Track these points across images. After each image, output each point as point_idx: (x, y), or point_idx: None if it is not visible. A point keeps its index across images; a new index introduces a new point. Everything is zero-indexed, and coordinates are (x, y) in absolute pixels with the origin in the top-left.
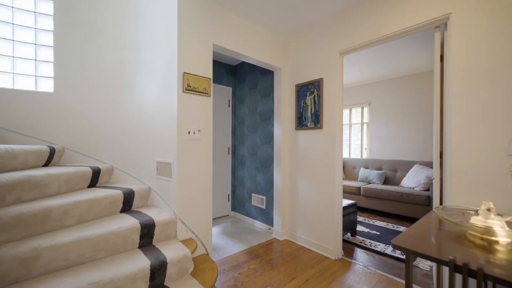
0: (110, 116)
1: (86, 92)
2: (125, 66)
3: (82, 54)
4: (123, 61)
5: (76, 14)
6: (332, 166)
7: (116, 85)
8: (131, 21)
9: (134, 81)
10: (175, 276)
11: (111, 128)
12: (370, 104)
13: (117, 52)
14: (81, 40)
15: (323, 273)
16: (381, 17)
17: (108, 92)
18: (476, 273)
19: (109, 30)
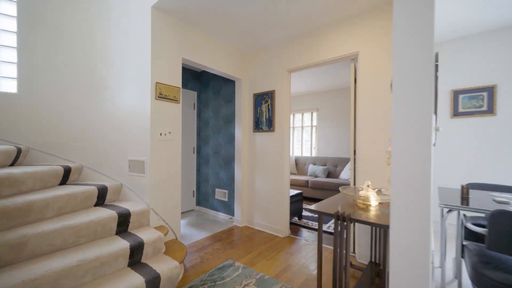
0: (80, 118)
1: (54, 94)
2: (97, 70)
3: (49, 56)
4: (94, 66)
5: (42, 16)
6: (281, 163)
7: (87, 88)
8: (102, 28)
9: (106, 86)
10: (150, 255)
11: (82, 129)
12: (318, 109)
13: (88, 56)
14: (48, 42)
15: (273, 247)
16: (318, 47)
17: (79, 95)
18: (346, 218)
19: (78, 34)
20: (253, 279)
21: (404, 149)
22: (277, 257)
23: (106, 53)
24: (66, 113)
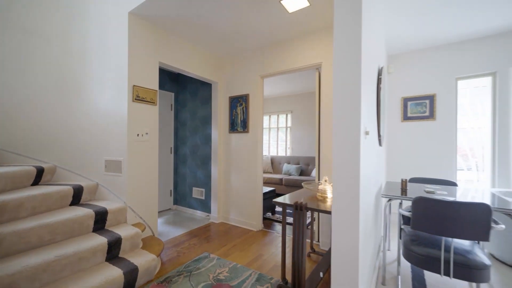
0: (55, 119)
1: (28, 95)
2: (73, 71)
3: (22, 58)
4: (70, 68)
5: (13, 18)
6: (255, 162)
7: (62, 88)
8: (78, 29)
9: (82, 87)
10: (128, 250)
11: (56, 130)
12: (292, 111)
13: (63, 58)
14: (19, 44)
15: (247, 240)
16: (288, 56)
17: (54, 96)
18: (303, 207)
19: (53, 35)
20: (226, 268)
21: (340, 150)
22: (250, 249)
23: (83, 55)
24: (38, 114)
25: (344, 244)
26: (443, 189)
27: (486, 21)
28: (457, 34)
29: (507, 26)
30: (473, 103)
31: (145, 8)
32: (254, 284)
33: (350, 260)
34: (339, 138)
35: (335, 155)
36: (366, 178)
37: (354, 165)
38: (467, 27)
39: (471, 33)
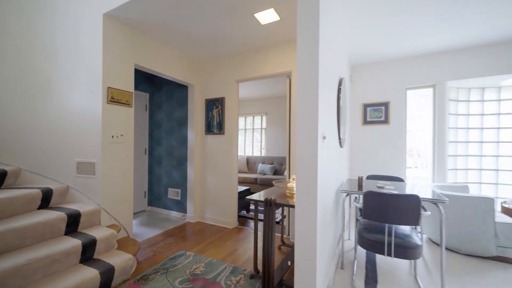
0: (20, 120)
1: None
2: (42, 71)
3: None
4: (36, 65)
5: None
6: (230, 162)
7: (27, 88)
8: (45, 27)
9: (52, 87)
10: (103, 251)
11: (22, 132)
12: (267, 113)
13: (30, 58)
14: None
15: (222, 237)
16: (261, 63)
17: (18, 94)
18: (272, 202)
19: (17, 36)
20: (202, 263)
21: (302, 152)
22: (225, 245)
23: (51, 52)
24: (2, 117)
25: (305, 234)
26: (392, 185)
27: (427, 43)
28: (406, 51)
29: (444, 47)
30: (419, 110)
31: (120, 11)
32: (228, 276)
33: (309, 247)
34: (300, 142)
35: (298, 157)
36: (325, 176)
37: (313, 165)
38: (413, 46)
39: (416, 51)
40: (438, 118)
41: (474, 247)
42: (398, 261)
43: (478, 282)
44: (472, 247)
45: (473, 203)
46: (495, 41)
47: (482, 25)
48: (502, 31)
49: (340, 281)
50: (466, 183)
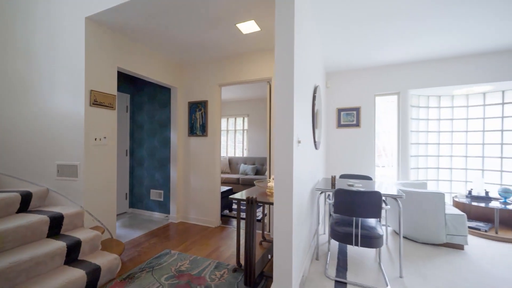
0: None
1: None
2: (17, 72)
3: None
4: (15, 70)
5: None
6: (213, 163)
7: (5, 94)
8: (24, 33)
9: (28, 89)
10: (88, 252)
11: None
12: (248, 115)
13: (8, 60)
14: None
15: (206, 235)
16: (243, 68)
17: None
18: (253, 201)
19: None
20: (187, 261)
21: (279, 155)
22: (209, 243)
23: (30, 54)
24: None
25: (282, 228)
26: (361, 183)
27: (392, 55)
28: (374, 62)
29: (405, 59)
30: (386, 114)
31: (103, 15)
32: (213, 271)
33: (286, 241)
34: (278, 146)
35: (275, 159)
36: (300, 176)
37: (289, 167)
38: (380, 57)
39: (383, 62)
40: (402, 122)
41: (428, 236)
42: (366, 251)
43: (430, 265)
44: (427, 236)
45: (427, 198)
46: (447, 56)
47: (435, 43)
48: (450, 49)
49: (314, 271)
50: (426, 180)
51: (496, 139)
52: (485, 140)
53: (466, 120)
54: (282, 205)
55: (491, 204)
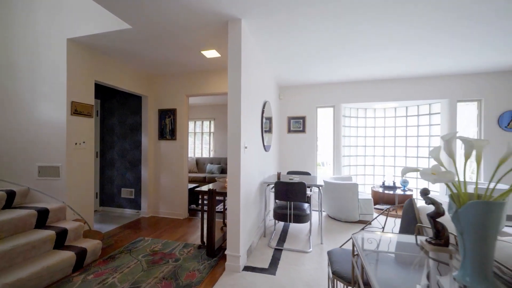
0: None
1: None
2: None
3: None
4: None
5: None
6: (182, 164)
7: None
8: (5, 48)
9: (13, 101)
10: (72, 239)
11: None
12: (215, 119)
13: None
14: None
15: (175, 225)
16: (209, 82)
17: None
18: (213, 192)
19: None
20: (159, 244)
21: (231, 157)
22: (178, 231)
23: (16, 69)
24: None
25: (233, 213)
26: (300, 177)
27: (330, 77)
28: (315, 81)
29: (340, 80)
30: (325, 122)
31: (84, 38)
32: (182, 249)
33: (235, 220)
34: (230, 150)
35: (228, 160)
36: (248, 173)
37: (237, 166)
38: (320, 78)
39: (322, 81)
40: (336, 129)
41: (347, 215)
42: (302, 229)
43: (344, 235)
44: (346, 216)
45: (346, 187)
46: (368, 80)
47: (359, 71)
48: (370, 75)
49: (261, 243)
50: (355, 175)
51: (403, 142)
52: (396, 143)
53: (384, 128)
54: (233, 195)
55: (396, 192)
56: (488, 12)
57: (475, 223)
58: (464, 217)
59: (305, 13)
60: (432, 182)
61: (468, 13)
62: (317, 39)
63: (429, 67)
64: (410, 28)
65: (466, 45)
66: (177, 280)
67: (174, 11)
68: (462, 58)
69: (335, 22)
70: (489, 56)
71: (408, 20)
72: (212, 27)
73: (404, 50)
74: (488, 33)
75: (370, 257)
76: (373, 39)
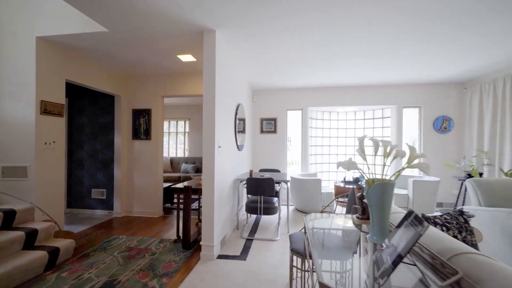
0: None
1: None
2: None
3: None
4: None
5: None
6: (156, 163)
7: None
8: None
9: None
10: (42, 240)
11: None
12: (190, 119)
13: None
14: None
15: (150, 223)
16: (183, 84)
17: None
18: (189, 188)
19: None
20: (135, 241)
21: (206, 156)
22: (153, 228)
23: None
24: None
25: (208, 206)
26: (271, 174)
27: (298, 83)
28: (286, 86)
29: (308, 86)
30: (294, 124)
31: (56, 37)
32: (158, 244)
33: (210, 214)
34: (205, 149)
35: (203, 159)
36: (222, 171)
37: (211, 164)
38: (290, 83)
39: (292, 86)
40: (304, 130)
41: (312, 207)
42: (272, 221)
43: None
44: (311, 208)
45: (310, 183)
46: (332, 86)
47: (324, 78)
48: (334, 82)
49: (234, 235)
50: (321, 172)
51: None
52: (355, 143)
53: (345, 130)
54: (208, 190)
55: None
56: (423, 37)
57: (377, 198)
58: (371, 195)
59: (272, 27)
60: (347, 169)
61: (404, 38)
62: (284, 49)
63: (382, 77)
64: (362, 47)
65: (408, 63)
66: (154, 271)
67: (152, 19)
68: (407, 72)
69: (300, 36)
70: (426, 71)
71: (359, 43)
72: (188, 36)
73: (359, 64)
74: (424, 54)
75: (319, 234)
76: (331, 53)
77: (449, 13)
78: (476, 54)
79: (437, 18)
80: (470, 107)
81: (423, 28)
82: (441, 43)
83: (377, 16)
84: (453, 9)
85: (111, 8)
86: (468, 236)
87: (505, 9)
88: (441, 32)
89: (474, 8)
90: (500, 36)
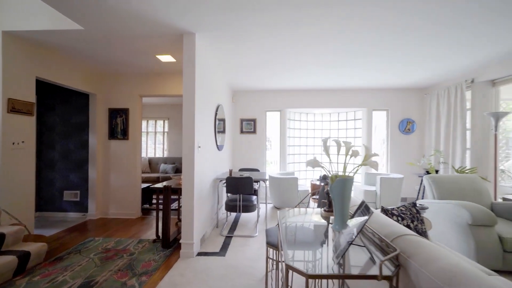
0: None
1: None
2: None
3: None
4: None
5: None
6: (134, 164)
7: None
8: None
9: None
10: (10, 244)
11: None
12: (169, 118)
13: None
14: None
15: (128, 224)
16: (163, 84)
17: None
18: (168, 188)
19: None
20: (112, 242)
21: (185, 155)
22: (131, 229)
23: None
24: None
25: (187, 205)
26: (250, 173)
27: (277, 85)
28: (265, 87)
29: (286, 88)
30: (273, 124)
31: (26, 33)
32: (136, 245)
33: (190, 212)
34: (184, 149)
35: (183, 159)
36: (201, 170)
37: (191, 164)
38: (268, 85)
39: (270, 88)
40: (282, 130)
41: (288, 204)
42: (251, 219)
43: None
44: (288, 204)
45: (287, 181)
46: (309, 89)
47: (301, 82)
48: (311, 86)
49: (214, 233)
50: (298, 171)
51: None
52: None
53: (321, 130)
54: (187, 189)
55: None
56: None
57: (339, 192)
58: (334, 189)
59: (249, 31)
60: (312, 167)
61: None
62: (260, 53)
63: (354, 82)
64: (333, 55)
65: (375, 71)
66: (133, 270)
67: (129, 19)
68: (375, 78)
69: (273, 41)
70: (392, 78)
71: (332, 51)
72: (167, 37)
73: (332, 72)
74: (388, 63)
75: (292, 226)
76: (305, 59)
77: (412, 28)
78: (435, 63)
79: (401, 31)
80: (429, 111)
81: (387, 40)
82: (407, 53)
83: (349, 30)
84: (417, 24)
85: (84, 6)
86: (419, 224)
87: (455, 25)
88: (404, 43)
89: (425, 27)
90: (452, 47)
